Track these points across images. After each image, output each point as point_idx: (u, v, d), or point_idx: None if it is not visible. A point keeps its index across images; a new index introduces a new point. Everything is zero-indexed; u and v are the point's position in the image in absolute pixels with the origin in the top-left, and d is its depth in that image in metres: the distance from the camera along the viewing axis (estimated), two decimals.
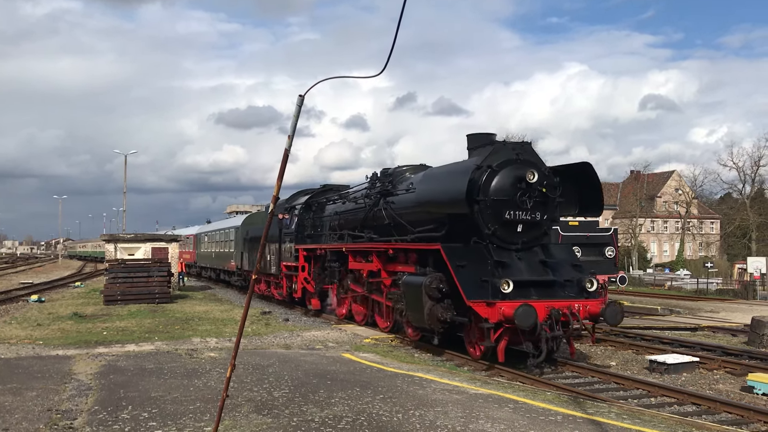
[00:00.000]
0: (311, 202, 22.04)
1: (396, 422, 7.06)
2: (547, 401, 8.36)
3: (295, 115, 3.64)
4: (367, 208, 17.20)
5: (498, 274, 11.85)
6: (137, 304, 22.44)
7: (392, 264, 15.18)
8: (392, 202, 15.75)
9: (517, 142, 13.53)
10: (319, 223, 21.17)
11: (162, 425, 6.92)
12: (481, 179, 12.42)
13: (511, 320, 11.06)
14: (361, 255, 16.87)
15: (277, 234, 23.09)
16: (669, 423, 7.29)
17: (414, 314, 12.90)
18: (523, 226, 12.59)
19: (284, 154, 3.80)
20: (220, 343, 13.86)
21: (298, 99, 3.64)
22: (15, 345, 13.65)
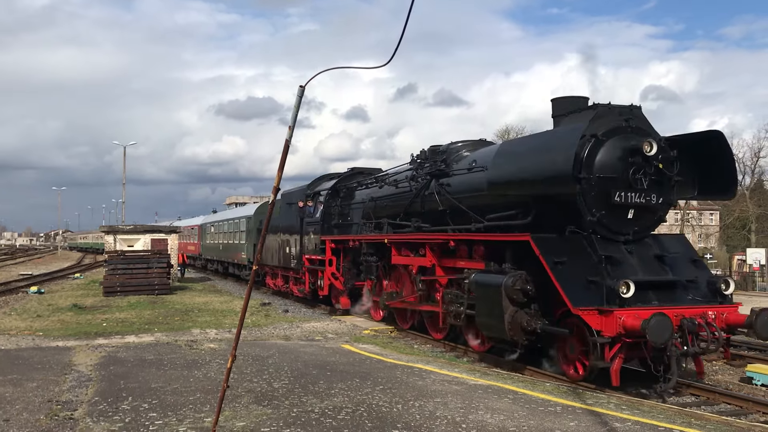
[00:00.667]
0: (339, 187, 19.66)
1: (396, 413, 7.08)
2: (546, 392, 8.38)
3: (295, 106, 3.62)
4: (413, 193, 14.82)
5: (608, 272, 9.50)
6: (137, 296, 22.46)
7: (450, 258, 12.79)
8: (447, 184, 13.38)
9: (624, 106, 10.58)
10: (347, 211, 18.96)
11: (162, 416, 6.94)
12: (583, 151, 9.90)
13: (635, 333, 8.69)
14: (408, 247, 14.36)
15: (298, 224, 20.97)
16: (668, 414, 7.31)
17: (488, 321, 10.61)
18: (635, 211, 10.15)
19: (285, 145, 3.79)
20: (220, 334, 13.88)
21: (299, 90, 3.62)
22: (15, 336, 13.67)
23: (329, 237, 18.70)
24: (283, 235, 22.60)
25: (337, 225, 19.07)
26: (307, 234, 20.27)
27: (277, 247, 23.35)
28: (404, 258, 14.46)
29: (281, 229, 22.74)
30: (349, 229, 18.46)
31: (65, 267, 47.36)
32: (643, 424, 6.70)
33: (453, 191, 13.19)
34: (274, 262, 24.07)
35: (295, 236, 21.26)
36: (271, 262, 24.42)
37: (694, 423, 6.84)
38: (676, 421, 6.86)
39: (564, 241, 10.02)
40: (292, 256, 21.68)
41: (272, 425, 6.56)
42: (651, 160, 9.99)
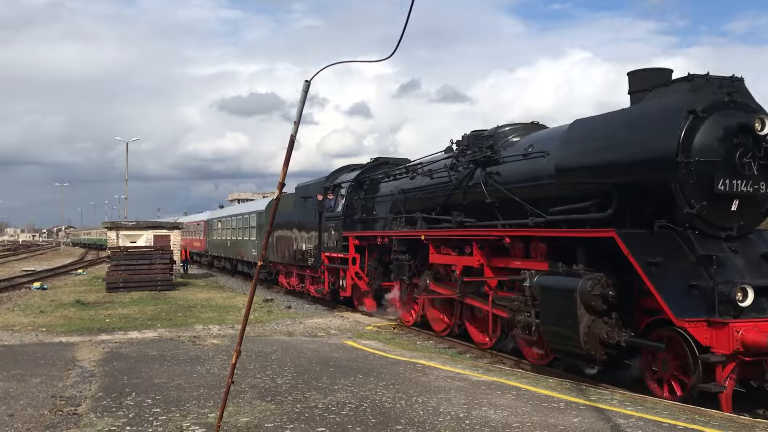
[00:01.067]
0: (362, 179, 18.06)
1: (399, 409, 7.08)
2: (549, 388, 8.38)
3: (300, 101, 3.61)
4: (452, 184, 13.31)
5: (710, 275, 7.97)
6: (139, 292, 22.48)
7: (502, 258, 11.25)
8: (497, 173, 11.84)
9: (725, 77, 8.92)
10: (371, 205, 17.41)
11: (166, 411, 6.94)
12: (681, 130, 8.37)
13: (759, 351, 7.40)
14: (449, 245, 12.93)
15: (315, 219, 19.62)
16: (672, 410, 7.31)
17: (556, 331, 9.25)
18: (740, 201, 8.59)
19: (290, 140, 3.78)
20: (223, 330, 13.90)
21: (304, 84, 3.61)
22: (18, 332, 13.70)
23: (352, 233, 17.24)
24: (299, 231, 21.39)
25: (360, 220, 17.60)
26: (327, 230, 18.88)
27: (291, 244, 22.09)
28: (445, 257, 13.02)
29: (296, 224, 21.67)
30: (374, 224, 17.03)
31: (68, 263, 47.43)
32: (647, 420, 6.70)
33: (504, 181, 11.65)
34: (288, 259, 22.81)
35: (312, 232, 19.93)
36: (285, 259, 23.29)
37: (698, 419, 6.83)
38: (680, 418, 6.85)
39: (656, 238, 8.51)
40: (309, 254, 20.21)
41: (276, 421, 6.57)
42: (760, 141, 8.46)
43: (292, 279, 23.40)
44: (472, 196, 12.70)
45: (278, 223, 23.32)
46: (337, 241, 18.04)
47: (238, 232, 32.99)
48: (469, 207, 12.88)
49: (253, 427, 6.33)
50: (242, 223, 31.84)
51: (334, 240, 18.28)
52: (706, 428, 6.41)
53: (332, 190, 19.10)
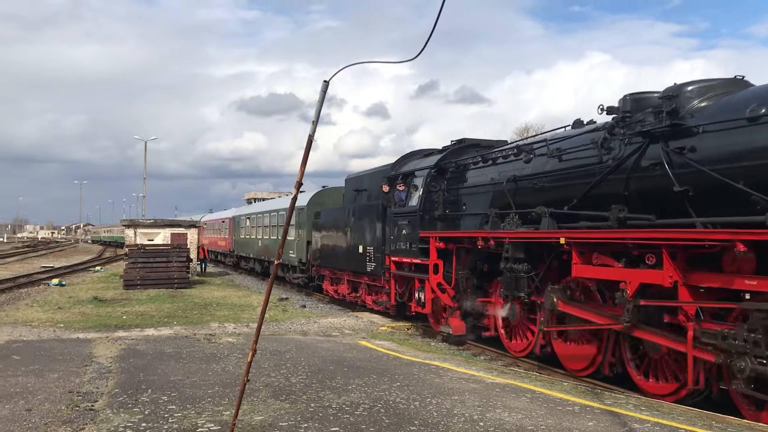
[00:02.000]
0: (445, 165, 14.50)
1: (413, 410, 7.08)
2: (564, 391, 8.34)
3: (319, 101, 3.62)
4: (605, 166, 9.77)
5: None
6: (156, 289, 22.63)
7: (711, 274, 7.90)
8: (691, 148, 8.40)
9: None
10: (458, 197, 14.09)
11: (181, 408, 6.99)
12: None
13: None
14: (611, 252, 9.24)
15: (377, 215, 16.45)
16: (688, 415, 7.25)
17: None
18: None
19: (308, 140, 3.79)
20: (238, 329, 13.96)
21: (323, 85, 3.62)
22: (37, 328, 13.84)
23: (435, 233, 13.66)
24: (352, 229, 18.11)
25: (442, 217, 14.29)
26: (395, 228, 15.38)
27: (341, 246, 19.02)
28: (602, 270, 9.33)
29: (348, 222, 18.50)
30: (462, 222, 13.86)
31: (86, 260, 47.87)
32: (663, 426, 6.64)
33: (707, 159, 8.22)
34: (337, 264, 19.79)
35: (372, 232, 16.66)
36: (332, 263, 20.30)
37: (715, 426, 6.76)
38: (696, 424, 6.79)
39: None
40: (368, 258, 16.89)
41: (290, 419, 6.59)
42: None
43: (341, 286, 19.98)
44: (646, 182, 9.16)
45: (323, 221, 21.02)
46: (410, 243, 14.55)
47: (271, 231, 29.91)
48: (638, 198, 9.26)
49: (268, 426, 6.35)
50: (277, 221, 28.89)
51: (406, 241, 14.81)
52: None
53: (402, 180, 15.65)
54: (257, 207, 36.45)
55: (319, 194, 25.17)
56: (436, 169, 14.65)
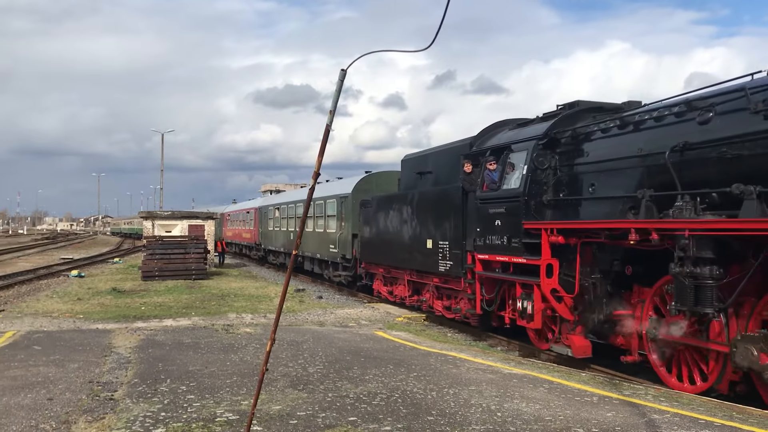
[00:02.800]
0: (556, 135, 11.22)
1: (430, 400, 7.07)
2: (582, 382, 8.30)
3: (336, 90, 3.60)
4: None
5: None
6: (174, 280, 22.80)
7: None
8: None
9: None
10: (573, 176, 10.96)
11: (200, 398, 7.04)
12: None
13: None
14: None
15: (454, 202, 13.27)
16: (708, 406, 7.19)
17: None
18: None
19: (325, 130, 3.78)
20: (255, 319, 14.03)
21: (341, 73, 3.60)
22: (57, 318, 13.99)
23: (553, 223, 10.55)
24: (415, 219, 15.15)
25: (554, 203, 11.12)
26: (483, 218, 12.16)
27: (401, 240, 15.97)
28: None
29: (410, 210, 15.46)
30: (584, 208, 10.65)
31: (104, 252, 48.29)
32: (683, 417, 6.60)
33: None
34: (393, 261, 16.86)
35: (446, 222, 13.57)
36: (387, 260, 17.40)
37: (735, 416, 6.70)
38: (716, 414, 6.74)
39: None
40: (439, 255, 13.81)
41: (308, 409, 6.61)
42: None
43: (398, 288, 17.07)
44: None
45: (374, 211, 18.00)
46: (508, 237, 11.45)
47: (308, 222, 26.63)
48: None
49: (286, 415, 6.38)
50: (314, 211, 25.66)
51: (501, 235, 11.66)
52: (743, 426, 6.30)
53: (493, 157, 12.31)
54: (287, 196, 32.74)
55: (365, 180, 21.94)
56: (545, 140, 11.22)
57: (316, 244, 24.79)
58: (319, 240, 24.46)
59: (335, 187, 24.37)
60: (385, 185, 20.66)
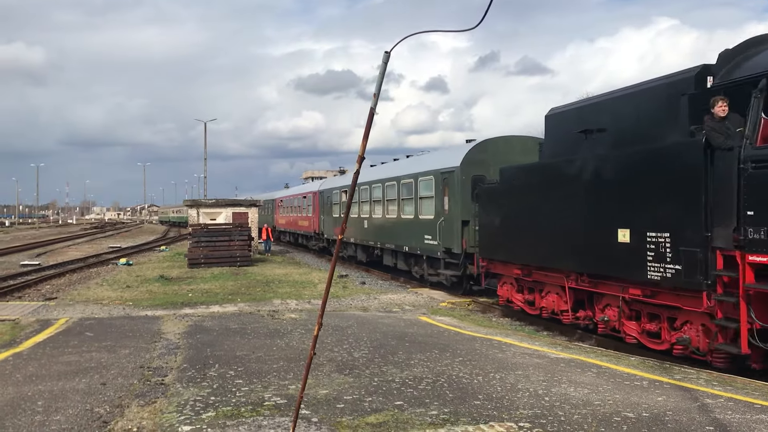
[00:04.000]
0: None
1: (476, 384, 7.04)
2: (631, 366, 8.16)
3: (380, 73, 3.57)
4: None
5: None
6: (219, 267, 23.15)
7: None
8: None
9: None
10: None
11: (248, 383, 7.13)
12: None
13: None
14: None
15: (687, 167, 8.55)
16: (764, 391, 7.00)
17: None
18: None
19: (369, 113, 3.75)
20: (300, 305, 14.14)
21: (384, 56, 3.56)
22: (107, 306, 14.32)
23: None
24: (587, 197, 10.67)
25: None
26: (761, 191, 7.60)
27: (557, 226, 11.42)
28: None
29: (579, 184, 10.79)
30: None
31: (151, 240, 49.25)
32: (737, 401, 6.44)
33: None
34: (541, 257, 12.17)
35: (665, 199, 8.97)
36: (526, 257, 12.69)
37: None
38: None
39: None
40: (648, 251, 9.23)
41: (354, 393, 6.64)
42: None
43: (547, 297, 12.40)
44: None
45: (501, 188, 13.59)
46: None
47: (390, 207, 21.58)
48: None
49: (333, 399, 6.42)
50: (400, 192, 20.39)
51: None
52: None
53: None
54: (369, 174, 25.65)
55: (479, 149, 16.84)
56: None
57: (402, 234, 20.05)
58: (407, 229, 19.68)
59: (431, 161, 19.19)
60: (508, 154, 15.88)
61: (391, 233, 21.17)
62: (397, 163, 23.69)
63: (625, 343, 10.26)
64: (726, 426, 5.59)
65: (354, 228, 25.59)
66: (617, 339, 10.55)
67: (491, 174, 15.35)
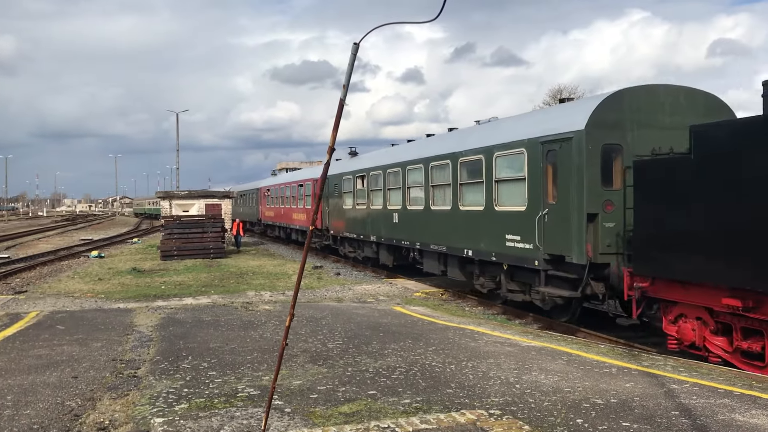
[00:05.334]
0: None
1: (449, 373, 7.12)
2: (601, 354, 8.31)
3: (349, 64, 3.59)
4: None
5: None
6: (193, 259, 23.02)
7: None
8: None
9: None
10: None
11: (221, 374, 7.13)
12: None
13: None
14: None
15: None
16: (727, 376, 7.18)
17: None
18: None
19: (339, 105, 3.77)
20: (274, 297, 14.13)
21: (353, 47, 3.59)
22: (79, 298, 14.18)
23: None
24: None
25: None
26: None
27: None
28: None
29: None
30: None
31: (123, 232, 48.72)
32: (702, 386, 6.59)
33: None
34: None
35: None
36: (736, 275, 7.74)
37: (755, 385, 6.69)
38: (735, 384, 6.73)
39: None
40: None
41: (328, 384, 6.68)
42: None
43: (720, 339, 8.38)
44: None
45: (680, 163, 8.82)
46: None
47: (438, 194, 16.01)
48: None
49: (306, 390, 6.45)
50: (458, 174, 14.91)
51: None
52: (763, 394, 6.28)
53: None
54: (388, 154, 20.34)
55: (611, 102, 11.03)
56: None
57: (461, 233, 14.65)
58: (471, 225, 14.25)
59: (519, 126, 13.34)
60: (656, 114, 11.11)
61: (439, 230, 15.69)
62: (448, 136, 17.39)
63: None
64: (690, 410, 5.73)
65: (376, 222, 20.07)
66: None
67: (632, 144, 10.84)
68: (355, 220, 22.04)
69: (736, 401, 6.03)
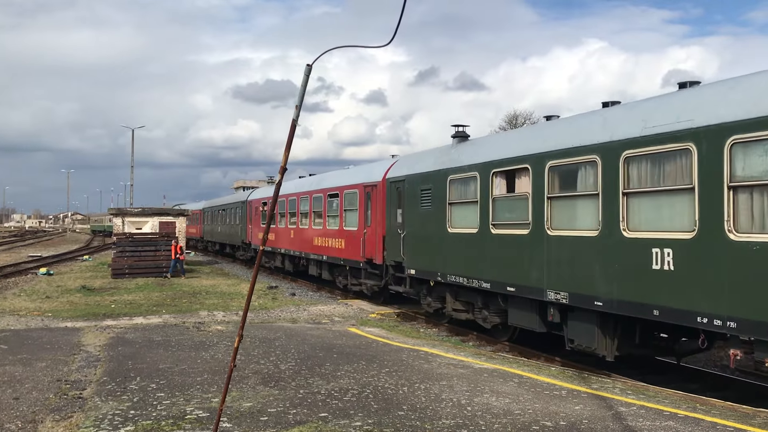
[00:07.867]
0: None
1: (402, 395, 7.11)
2: (551, 376, 8.40)
3: (302, 85, 3.62)
4: None
5: None
6: (145, 278, 22.59)
7: None
8: None
9: None
10: None
11: (170, 396, 6.99)
12: None
13: None
14: None
15: None
16: (673, 399, 7.32)
17: None
18: None
19: (291, 125, 3.79)
20: (227, 317, 13.95)
21: (306, 69, 3.62)
22: (24, 317, 13.78)
23: None
24: None
25: None
26: None
27: None
28: None
29: None
30: None
31: (74, 249, 47.59)
32: (649, 409, 6.71)
33: None
34: None
35: None
36: None
37: (699, 408, 6.84)
38: (681, 406, 6.87)
39: None
40: None
41: (279, 406, 6.61)
42: None
43: None
44: None
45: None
46: None
47: None
48: None
49: (256, 412, 6.37)
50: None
51: None
52: (706, 417, 6.43)
53: None
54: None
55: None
56: None
57: None
58: None
59: None
60: None
61: None
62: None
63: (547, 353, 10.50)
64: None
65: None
66: None
67: None
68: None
69: (680, 423, 6.16)
